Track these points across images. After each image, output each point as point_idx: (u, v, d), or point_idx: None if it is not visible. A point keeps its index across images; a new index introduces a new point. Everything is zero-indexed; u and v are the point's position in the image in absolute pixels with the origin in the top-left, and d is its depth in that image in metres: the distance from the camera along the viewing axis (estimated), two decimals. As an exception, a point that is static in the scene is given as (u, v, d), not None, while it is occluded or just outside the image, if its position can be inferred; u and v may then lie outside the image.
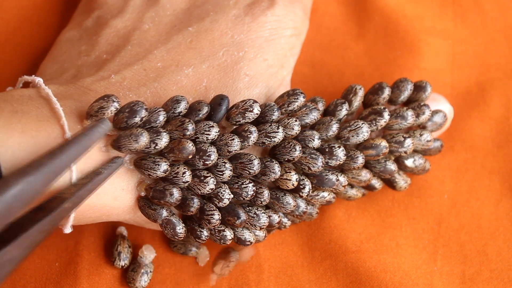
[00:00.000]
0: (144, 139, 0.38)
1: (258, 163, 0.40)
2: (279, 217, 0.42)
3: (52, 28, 0.51)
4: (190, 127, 0.39)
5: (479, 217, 0.47)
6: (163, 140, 0.39)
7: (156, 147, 0.39)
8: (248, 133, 0.40)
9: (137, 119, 0.39)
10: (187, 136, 0.39)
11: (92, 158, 0.38)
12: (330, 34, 0.52)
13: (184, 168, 0.39)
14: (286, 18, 0.45)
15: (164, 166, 0.39)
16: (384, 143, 0.43)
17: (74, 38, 0.46)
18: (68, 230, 0.39)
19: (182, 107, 0.40)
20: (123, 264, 0.44)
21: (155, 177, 0.39)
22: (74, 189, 0.36)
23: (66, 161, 0.34)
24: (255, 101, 0.41)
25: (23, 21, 0.51)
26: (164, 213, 0.40)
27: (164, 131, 0.39)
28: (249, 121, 0.41)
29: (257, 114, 0.41)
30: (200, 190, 0.39)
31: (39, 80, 0.40)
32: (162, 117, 0.39)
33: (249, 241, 0.42)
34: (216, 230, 0.41)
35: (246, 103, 0.41)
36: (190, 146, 0.39)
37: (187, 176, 0.39)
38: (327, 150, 0.42)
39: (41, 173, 0.32)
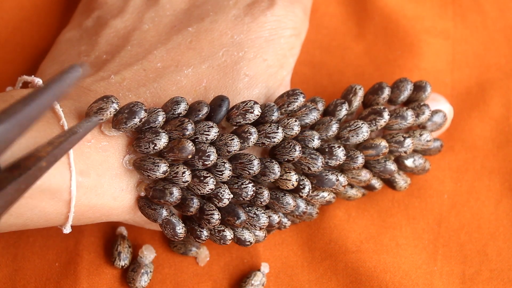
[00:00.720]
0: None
1: (258, 163, 0.40)
2: (279, 217, 0.42)
3: (52, 28, 0.51)
4: (190, 127, 0.39)
5: (479, 217, 0.47)
6: (162, 141, 0.39)
7: (155, 147, 0.39)
8: (248, 134, 0.40)
9: (136, 120, 0.39)
10: (186, 136, 0.39)
11: None
12: (330, 34, 0.52)
13: (184, 168, 0.39)
14: (285, 18, 0.45)
15: (163, 167, 0.39)
16: (384, 143, 0.43)
17: (74, 38, 0.46)
18: (67, 230, 0.39)
19: (181, 109, 0.40)
20: (123, 264, 0.44)
21: (154, 178, 0.39)
22: (50, 148, 0.34)
23: (39, 108, 0.32)
24: (255, 102, 0.41)
25: (23, 21, 0.51)
26: (164, 213, 0.40)
27: (163, 132, 0.39)
28: (250, 122, 0.41)
29: (257, 115, 0.41)
30: (199, 190, 0.39)
31: (38, 80, 0.40)
32: (161, 118, 0.39)
33: (249, 241, 0.42)
34: (216, 230, 0.41)
35: (246, 104, 0.41)
36: (190, 146, 0.39)
37: (187, 176, 0.39)
38: (327, 150, 0.42)
39: (15, 120, 0.31)
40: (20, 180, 0.33)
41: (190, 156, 0.39)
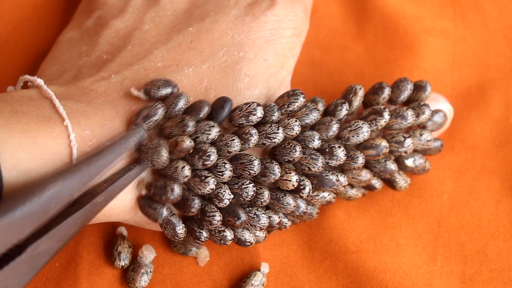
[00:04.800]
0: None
1: (258, 164, 0.40)
2: (279, 217, 0.42)
3: (52, 28, 0.51)
4: (190, 124, 0.39)
5: (479, 217, 0.47)
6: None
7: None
8: (249, 135, 0.40)
9: (169, 90, 0.40)
10: (186, 133, 0.39)
11: None
12: (330, 34, 0.52)
13: (183, 163, 0.39)
14: (286, 18, 0.45)
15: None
16: (384, 143, 0.43)
17: (75, 39, 0.46)
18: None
19: (182, 103, 0.40)
20: (123, 264, 0.44)
21: (158, 164, 0.39)
22: (106, 184, 0.37)
23: (100, 167, 0.36)
24: (258, 104, 0.41)
25: (23, 21, 0.51)
26: (165, 212, 0.40)
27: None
28: (252, 124, 0.41)
29: (260, 117, 0.41)
30: (200, 190, 0.39)
31: (40, 81, 0.40)
32: (161, 110, 0.40)
33: (249, 241, 0.42)
34: (217, 231, 0.41)
35: (250, 106, 0.41)
36: (188, 142, 0.39)
37: (187, 171, 0.39)
38: (327, 150, 0.42)
39: (77, 176, 0.34)
40: (77, 215, 0.35)
41: (189, 152, 0.39)
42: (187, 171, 0.39)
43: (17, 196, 0.32)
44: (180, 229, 0.40)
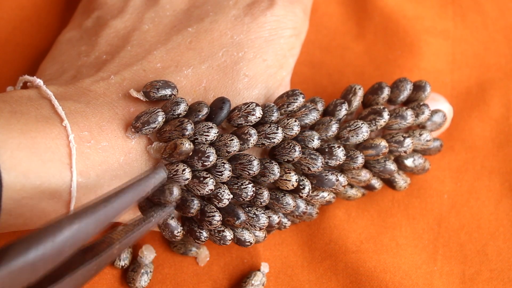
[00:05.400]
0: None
1: (258, 164, 0.40)
2: (278, 217, 0.42)
3: (52, 28, 0.51)
4: (189, 127, 0.39)
5: (479, 217, 0.47)
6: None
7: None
8: (248, 135, 0.40)
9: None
10: (186, 136, 0.39)
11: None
12: (330, 34, 0.52)
13: (184, 166, 0.39)
14: (285, 18, 0.45)
15: None
16: (383, 143, 0.43)
17: (74, 39, 0.46)
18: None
19: (181, 109, 0.40)
20: (123, 264, 0.44)
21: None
22: (124, 233, 0.36)
23: (119, 208, 0.34)
24: (257, 104, 0.41)
25: (23, 21, 0.51)
26: (164, 213, 0.40)
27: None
28: (251, 124, 0.41)
29: (259, 117, 0.41)
30: (199, 191, 0.39)
31: (39, 81, 0.40)
32: (160, 118, 0.39)
33: (249, 241, 0.42)
34: (216, 231, 0.41)
35: (248, 106, 0.41)
36: (187, 145, 0.39)
37: (187, 174, 0.39)
38: (326, 150, 0.42)
39: (93, 219, 0.33)
40: (92, 263, 0.34)
41: (189, 154, 0.39)
42: (187, 174, 0.39)
43: (31, 237, 0.31)
44: (178, 229, 0.40)
